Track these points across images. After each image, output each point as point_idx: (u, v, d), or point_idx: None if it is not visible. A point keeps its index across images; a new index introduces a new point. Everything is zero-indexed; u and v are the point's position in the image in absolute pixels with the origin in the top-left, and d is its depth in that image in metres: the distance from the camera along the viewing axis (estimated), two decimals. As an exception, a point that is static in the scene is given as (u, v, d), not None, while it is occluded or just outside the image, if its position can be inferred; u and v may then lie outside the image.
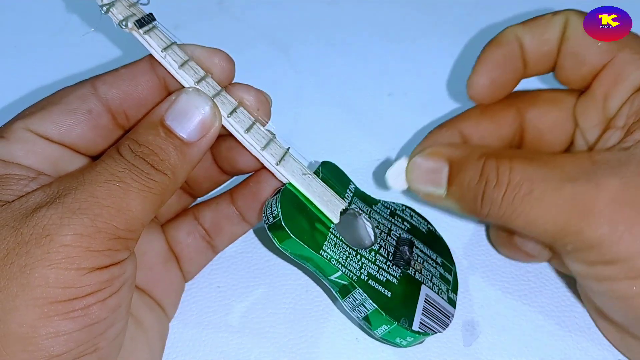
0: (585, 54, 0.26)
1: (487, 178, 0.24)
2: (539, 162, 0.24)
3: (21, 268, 0.18)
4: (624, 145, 0.23)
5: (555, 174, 0.23)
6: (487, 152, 0.25)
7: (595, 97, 0.27)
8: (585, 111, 0.27)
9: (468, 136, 0.29)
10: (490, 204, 0.24)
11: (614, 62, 0.26)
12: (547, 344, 0.28)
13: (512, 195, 0.23)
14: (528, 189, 0.23)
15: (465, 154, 0.25)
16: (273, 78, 0.40)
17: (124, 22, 0.23)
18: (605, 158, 0.23)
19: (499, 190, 0.23)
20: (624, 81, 0.25)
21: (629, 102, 0.25)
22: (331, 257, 0.24)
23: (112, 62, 0.40)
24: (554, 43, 0.27)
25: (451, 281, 0.29)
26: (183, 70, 0.23)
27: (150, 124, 0.22)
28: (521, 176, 0.23)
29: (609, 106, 0.26)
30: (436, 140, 0.29)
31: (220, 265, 0.31)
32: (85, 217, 0.19)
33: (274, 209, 0.24)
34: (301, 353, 0.28)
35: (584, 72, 0.27)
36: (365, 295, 0.24)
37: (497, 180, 0.24)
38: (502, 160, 0.24)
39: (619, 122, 0.25)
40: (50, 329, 0.18)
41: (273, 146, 0.25)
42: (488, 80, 0.27)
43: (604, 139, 0.25)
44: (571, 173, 0.23)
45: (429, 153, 0.26)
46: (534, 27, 0.27)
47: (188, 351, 0.28)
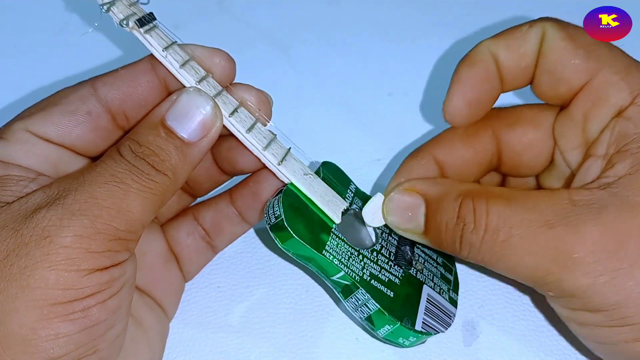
0: (563, 72, 0.25)
1: (464, 221, 0.23)
2: (516, 204, 0.22)
3: (21, 269, 0.18)
4: (604, 180, 0.22)
5: (533, 218, 0.22)
6: (464, 192, 0.24)
7: (574, 118, 0.25)
8: (564, 132, 0.26)
9: (443, 163, 0.28)
10: (469, 247, 0.23)
11: (593, 82, 0.24)
12: (547, 344, 0.28)
13: (490, 240, 0.22)
14: (506, 234, 0.22)
15: (441, 191, 0.24)
16: (273, 78, 0.40)
17: (124, 21, 0.23)
18: (584, 199, 0.22)
19: (477, 234, 0.23)
20: (604, 105, 0.24)
21: (609, 129, 0.24)
22: (333, 257, 0.24)
23: (112, 62, 0.40)
24: (531, 57, 0.26)
25: (452, 281, 0.29)
26: (184, 69, 0.23)
27: (151, 124, 0.22)
28: (498, 220, 0.22)
29: (588, 129, 0.25)
30: (411, 171, 0.27)
31: (220, 265, 0.31)
32: (85, 218, 0.19)
33: (276, 209, 0.24)
34: (301, 353, 0.28)
35: (561, 91, 0.25)
36: (368, 296, 0.24)
37: (475, 224, 0.23)
38: (478, 201, 0.23)
39: (599, 150, 0.24)
40: (50, 331, 0.18)
41: (274, 146, 0.25)
42: (465, 102, 0.26)
43: (584, 168, 0.24)
44: (550, 217, 0.22)
45: (404, 189, 0.25)
46: (510, 41, 0.26)
47: (188, 351, 0.28)
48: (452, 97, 0.26)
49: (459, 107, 0.26)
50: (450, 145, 0.28)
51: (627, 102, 0.23)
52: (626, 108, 0.23)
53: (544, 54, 0.25)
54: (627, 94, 0.23)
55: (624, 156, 0.23)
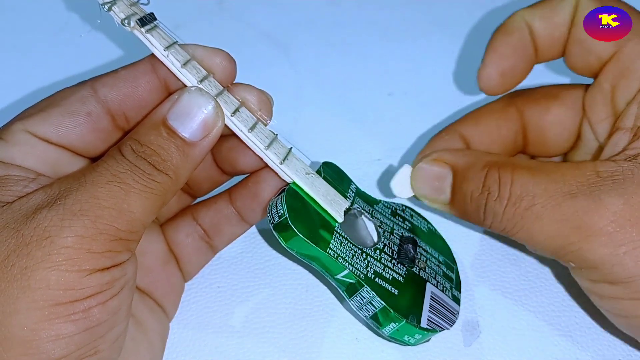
0: (593, 43, 0.25)
1: (489, 190, 0.23)
2: (541, 174, 0.23)
3: (22, 270, 0.18)
4: (630, 152, 0.23)
5: (556, 188, 0.22)
6: (490, 162, 0.24)
7: (602, 89, 0.26)
8: (593, 104, 0.26)
9: (469, 139, 0.28)
10: (493, 216, 0.23)
11: (621, 53, 0.25)
12: (547, 343, 0.28)
13: (513, 209, 0.23)
14: (528, 203, 0.22)
15: (468, 162, 0.25)
16: (273, 78, 0.40)
17: (126, 20, 0.23)
18: (609, 170, 0.22)
19: (500, 203, 0.23)
20: (631, 75, 0.24)
21: (636, 101, 0.24)
22: (337, 256, 0.24)
23: (112, 62, 0.40)
24: (564, 27, 0.26)
25: (454, 279, 0.29)
26: (185, 69, 0.23)
27: (152, 124, 0.22)
28: (522, 189, 0.23)
29: (617, 100, 0.25)
30: (438, 146, 0.28)
31: (220, 265, 0.31)
32: (86, 218, 0.19)
33: (279, 208, 0.24)
34: (301, 353, 0.28)
35: (591, 61, 0.26)
36: (373, 293, 0.24)
37: (499, 193, 0.23)
38: (504, 171, 0.23)
39: (627, 122, 0.24)
40: (51, 332, 0.18)
41: (276, 145, 0.25)
42: (499, 71, 0.26)
43: (613, 141, 0.24)
44: (573, 187, 0.22)
45: (433, 159, 0.26)
46: (544, 11, 0.26)
47: (188, 351, 0.28)
48: (487, 65, 0.26)
49: (493, 75, 0.26)
50: (476, 122, 0.28)
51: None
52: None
53: (576, 23, 0.25)
54: None
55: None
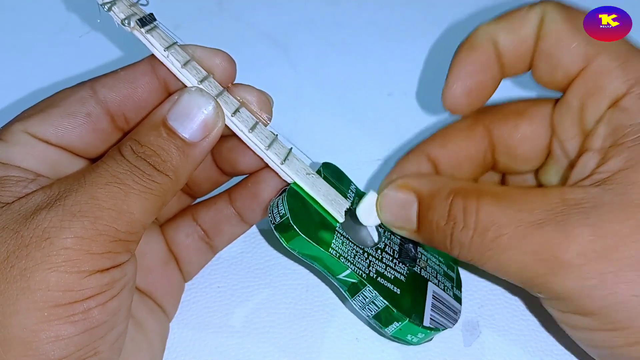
0: (560, 57, 0.24)
1: (454, 220, 0.22)
2: (507, 202, 0.22)
3: (21, 271, 0.18)
4: (598, 176, 0.22)
5: (523, 218, 0.21)
6: (455, 189, 0.23)
7: (570, 106, 0.25)
8: (561, 121, 0.25)
9: (437, 159, 0.27)
10: (459, 246, 0.23)
11: (589, 69, 0.23)
12: (547, 343, 0.28)
13: (480, 240, 0.22)
14: (495, 234, 0.21)
15: (433, 188, 0.24)
16: (273, 78, 0.40)
17: (126, 20, 0.23)
18: (577, 197, 0.21)
19: (466, 233, 0.22)
20: (600, 94, 0.23)
21: (605, 121, 0.23)
22: (340, 255, 0.24)
23: (112, 62, 0.40)
24: (530, 41, 0.25)
25: (455, 278, 0.29)
26: (185, 69, 0.23)
27: (152, 124, 0.22)
28: (488, 219, 0.22)
29: (585, 119, 0.24)
30: (404, 169, 0.27)
31: (220, 265, 0.31)
32: (86, 219, 0.19)
33: (281, 208, 0.24)
34: (301, 353, 0.28)
35: (558, 76, 0.24)
36: (376, 293, 0.24)
37: (464, 223, 0.22)
38: (469, 200, 0.22)
39: (595, 143, 0.23)
40: (50, 333, 0.18)
41: (276, 146, 0.25)
42: (465, 90, 0.25)
43: (581, 163, 0.23)
44: (540, 216, 0.21)
45: (397, 185, 0.25)
46: (509, 24, 0.25)
47: (188, 352, 0.28)
48: (452, 84, 0.25)
49: (458, 95, 0.25)
50: (442, 141, 0.27)
51: (622, 91, 0.22)
52: (622, 98, 0.22)
53: (542, 37, 0.24)
54: (623, 83, 0.22)
55: (619, 150, 0.22)
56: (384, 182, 0.27)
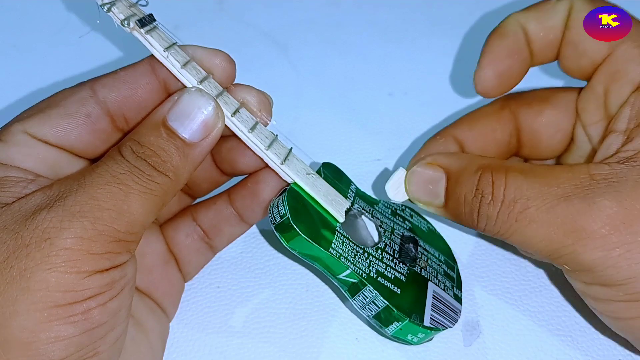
0: (586, 45, 0.25)
1: (482, 193, 0.23)
2: (534, 177, 0.23)
3: (21, 272, 0.18)
4: (623, 155, 0.23)
5: (550, 191, 0.22)
6: (483, 165, 0.24)
7: (595, 92, 0.26)
8: (586, 106, 0.27)
9: (463, 142, 0.28)
10: (486, 219, 0.23)
11: (613, 56, 0.25)
12: (547, 344, 0.28)
13: (507, 212, 0.23)
14: (522, 206, 0.22)
15: (462, 165, 0.25)
16: (273, 78, 0.40)
17: (125, 21, 0.22)
18: (603, 173, 0.22)
19: (493, 206, 0.23)
20: (623, 78, 0.24)
21: (629, 104, 0.24)
22: (340, 255, 0.24)
23: (112, 63, 0.40)
24: (558, 30, 0.26)
25: (455, 278, 0.29)
26: (185, 69, 0.23)
27: (152, 125, 0.22)
28: (515, 192, 0.22)
29: (609, 103, 0.25)
30: (432, 149, 0.28)
31: (220, 265, 0.31)
32: (86, 220, 0.19)
33: (281, 208, 0.24)
34: (301, 353, 0.28)
35: (584, 64, 0.26)
36: (376, 292, 0.24)
37: (492, 196, 0.23)
38: (497, 174, 0.23)
39: (620, 125, 0.24)
40: (50, 334, 0.18)
41: (276, 146, 0.25)
42: (495, 74, 0.27)
43: (606, 144, 0.24)
44: (567, 190, 0.22)
45: (427, 163, 0.26)
46: (538, 14, 0.26)
47: (188, 352, 0.28)
48: (483, 68, 0.27)
49: (489, 78, 0.27)
50: (470, 124, 0.28)
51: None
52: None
53: (569, 26, 0.25)
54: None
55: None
56: (412, 160, 0.28)
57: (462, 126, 0.29)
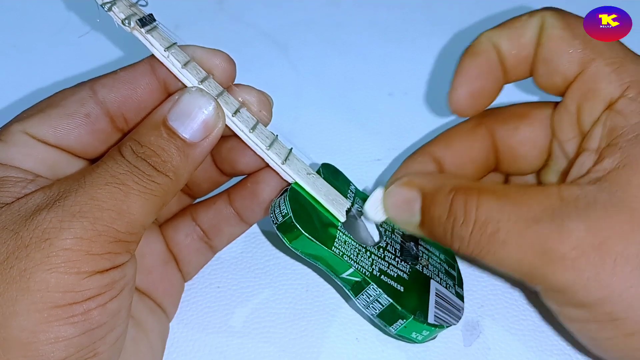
0: (558, 62, 0.25)
1: (455, 215, 0.23)
2: (506, 199, 0.23)
3: (21, 272, 0.18)
4: (594, 175, 0.23)
5: (520, 213, 0.22)
6: (457, 187, 0.24)
7: (568, 109, 0.26)
8: (560, 123, 0.26)
9: (441, 160, 0.28)
10: (460, 241, 0.23)
11: (585, 74, 0.24)
12: (547, 344, 0.28)
13: (479, 234, 0.23)
14: (493, 228, 0.22)
15: (436, 185, 0.25)
16: (273, 78, 0.40)
17: (126, 20, 0.22)
18: (573, 194, 0.22)
19: (466, 228, 0.23)
20: (595, 96, 0.24)
21: (601, 123, 0.24)
22: (343, 254, 0.24)
23: (112, 63, 0.40)
24: (530, 47, 0.26)
25: (456, 276, 0.29)
26: (186, 69, 0.23)
27: (153, 124, 0.22)
28: (487, 215, 0.22)
29: (582, 121, 0.25)
30: (410, 169, 0.28)
31: (220, 265, 0.31)
32: (86, 220, 0.19)
33: (283, 208, 0.24)
34: (301, 353, 0.28)
35: (556, 81, 0.26)
36: (380, 291, 0.24)
37: (464, 218, 0.23)
38: (470, 196, 0.23)
39: (591, 144, 0.24)
40: (50, 335, 0.18)
41: (277, 146, 0.25)
42: (469, 93, 0.27)
43: (578, 163, 0.24)
44: (538, 212, 0.22)
45: (403, 183, 0.26)
46: (510, 31, 0.26)
47: (188, 352, 0.28)
48: (457, 88, 0.27)
49: (463, 97, 0.27)
50: (447, 142, 0.28)
51: (617, 94, 0.23)
52: (616, 100, 0.23)
53: (542, 43, 0.25)
54: (617, 86, 0.23)
55: (613, 150, 0.23)
56: (390, 180, 0.27)
57: (439, 144, 0.28)
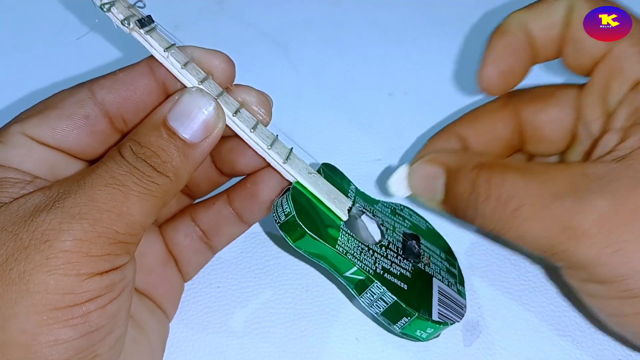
0: (585, 42, 0.25)
1: (478, 191, 0.24)
2: (530, 176, 0.23)
3: (20, 274, 0.18)
4: (618, 153, 0.23)
5: (545, 190, 0.22)
6: (481, 164, 0.24)
7: (595, 89, 0.26)
8: (586, 103, 0.27)
9: (466, 139, 0.28)
10: (482, 216, 0.24)
11: (612, 53, 0.25)
12: (547, 344, 0.28)
13: (502, 210, 0.23)
14: (517, 204, 0.23)
15: (460, 162, 0.25)
16: (273, 78, 0.40)
17: (125, 21, 0.22)
18: (597, 171, 0.22)
19: (489, 204, 0.23)
20: (621, 76, 0.25)
21: (626, 102, 0.24)
22: (346, 252, 0.24)
23: (111, 63, 0.40)
24: (559, 28, 0.26)
25: (457, 275, 0.29)
26: (186, 70, 0.23)
27: (153, 125, 0.22)
28: (511, 191, 0.23)
29: (608, 100, 0.25)
30: (435, 146, 0.28)
31: (220, 265, 0.31)
32: (85, 222, 0.19)
33: (286, 207, 0.24)
34: (301, 353, 0.28)
35: (584, 61, 0.26)
36: (384, 289, 0.24)
37: (488, 194, 0.23)
38: (494, 172, 0.24)
39: (617, 123, 0.24)
40: (50, 337, 0.18)
41: (278, 145, 0.25)
42: (498, 71, 0.27)
43: (603, 142, 0.25)
44: (561, 189, 0.22)
45: (428, 160, 0.26)
46: (539, 12, 0.26)
47: (188, 352, 0.28)
48: (486, 66, 0.27)
49: (492, 76, 0.27)
50: (472, 121, 0.29)
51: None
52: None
53: (569, 24, 0.26)
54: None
55: (638, 129, 0.23)
56: (415, 157, 0.28)
57: (465, 123, 0.29)
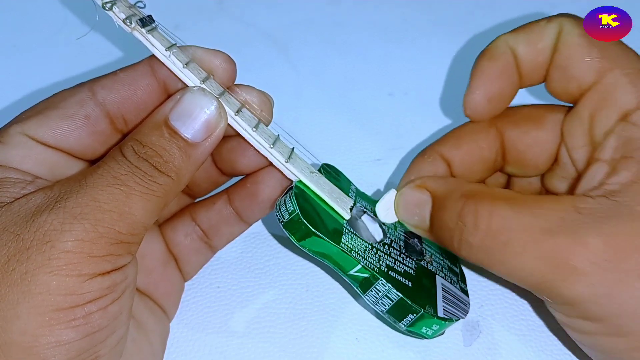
0: (574, 69, 0.25)
1: (464, 221, 0.23)
2: (520, 208, 0.22)
3: (22, 275, 0.18)
4: (609, 187, 0.22)
5: (536, 223, 0.22)
6: (468, 192, 0.23)
7: (581, 117, 0.25)
8: (571, 130, 0.26)
9: (450, 159, 0.28)
10: (468, 248, 0.23)
11: (601, 82, 0.24)
12: (547, 344, 0.28)
13: (490, 242, 0.22)
14: (506, 237, 0.22)
15: (447, 190, 0.24)
16: (273, 78, 0.40)
17: (127, 20, 0.22)
18: (589, 207, 0.22)
19: (475, 235, 0.22)
20: (610, 106, 0.24)
21: (615, 134, 0.23)
22: (351, 250, 0.24)
23: (112, 63, 0.40)
24: (547, 53, 0.26)
25: (459, 273, 0.29)
26: (187, 69, 0.23)
27: (154, 124, 0.22)
28: (500, 223, 0.22)
29: (595, 130, 0.25)
30: (419, 169, 0.28)
31: (220, 265, 0.31)
32: (87, 222, 0.19)
33: (289, 205, 0.24)
34: (301, 353, 0.28)
35: (571, 88, 0.25)
36: (389, 286, 0.24)
37: (475, 225, 0.22)
38: (482, 203, 0.23)
39: (605, 154, 0.23)
40: (51, 338, 0.18)
41: (279, 144, 0.25)
42: (486, 96, 0.26)
43: (590, 173, 0.24)
44: (553, 224, 0.21)
45: (415, 185, 0.26)
46: (528, 36, 0.26)
47: (188, 352, 0.28)
48: (473, 91, 0.26)
49: (479, 101, 0.26)
50: (457, 142, 0.28)
51: (632, 105, 0.23)
52: (632, 112, 0.23)
53: (558, 49, 0.25)
54: (634, 97, 0.23)
55: (628, 163, 0.22)
56: (402, 182, 0.27)
57: (449, 144, 0.28)
